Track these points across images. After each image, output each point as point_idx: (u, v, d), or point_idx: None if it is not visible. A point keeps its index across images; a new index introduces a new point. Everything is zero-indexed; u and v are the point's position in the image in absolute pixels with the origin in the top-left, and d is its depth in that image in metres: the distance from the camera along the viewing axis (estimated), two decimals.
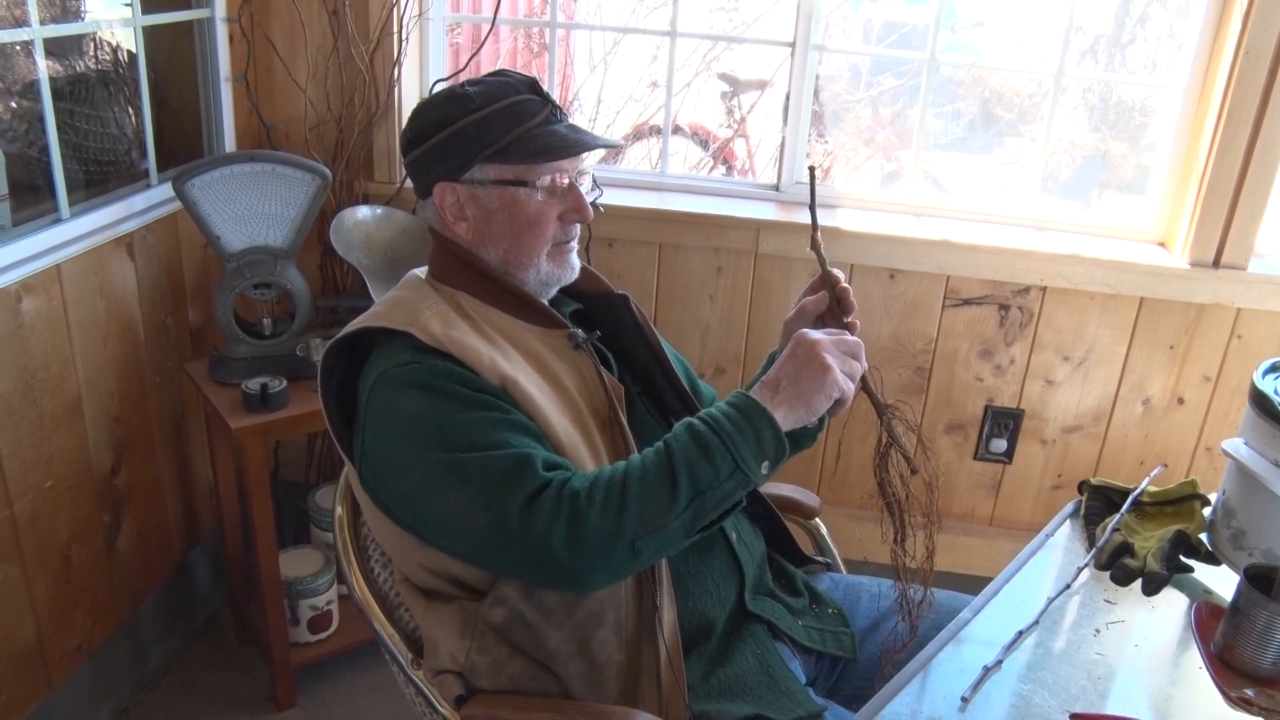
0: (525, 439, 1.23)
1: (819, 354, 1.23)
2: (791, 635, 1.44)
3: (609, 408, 1.36)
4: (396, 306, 1.35)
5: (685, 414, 1.48)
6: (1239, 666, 1.25)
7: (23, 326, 1.80)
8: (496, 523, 1.18)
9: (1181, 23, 2.53)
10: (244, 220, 2.08)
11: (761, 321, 2.50)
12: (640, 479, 1.18)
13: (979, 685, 1.20)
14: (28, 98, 1.87)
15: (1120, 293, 2.38)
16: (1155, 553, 1.44)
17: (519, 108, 1.34)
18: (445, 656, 1.32)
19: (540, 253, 1.38)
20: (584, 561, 1.17)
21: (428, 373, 1.25)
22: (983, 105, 4.72)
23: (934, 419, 2.57)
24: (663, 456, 1.20)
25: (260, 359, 2.16)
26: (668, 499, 1.17)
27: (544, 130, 1.35)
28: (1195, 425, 2.51)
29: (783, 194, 2.55)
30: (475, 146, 1.34)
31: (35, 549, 1.88)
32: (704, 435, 1.20)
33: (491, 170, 1.35)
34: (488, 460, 1.19)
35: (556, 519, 1.16)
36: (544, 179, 1.35)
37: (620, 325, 1.50)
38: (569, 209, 1.38)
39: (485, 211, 1.37)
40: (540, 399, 1.29)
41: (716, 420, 1.21)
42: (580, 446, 1.31)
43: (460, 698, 1.31)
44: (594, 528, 1.16)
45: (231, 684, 2.34)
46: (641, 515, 1.17)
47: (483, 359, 1.27)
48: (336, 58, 2.38)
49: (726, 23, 4.23)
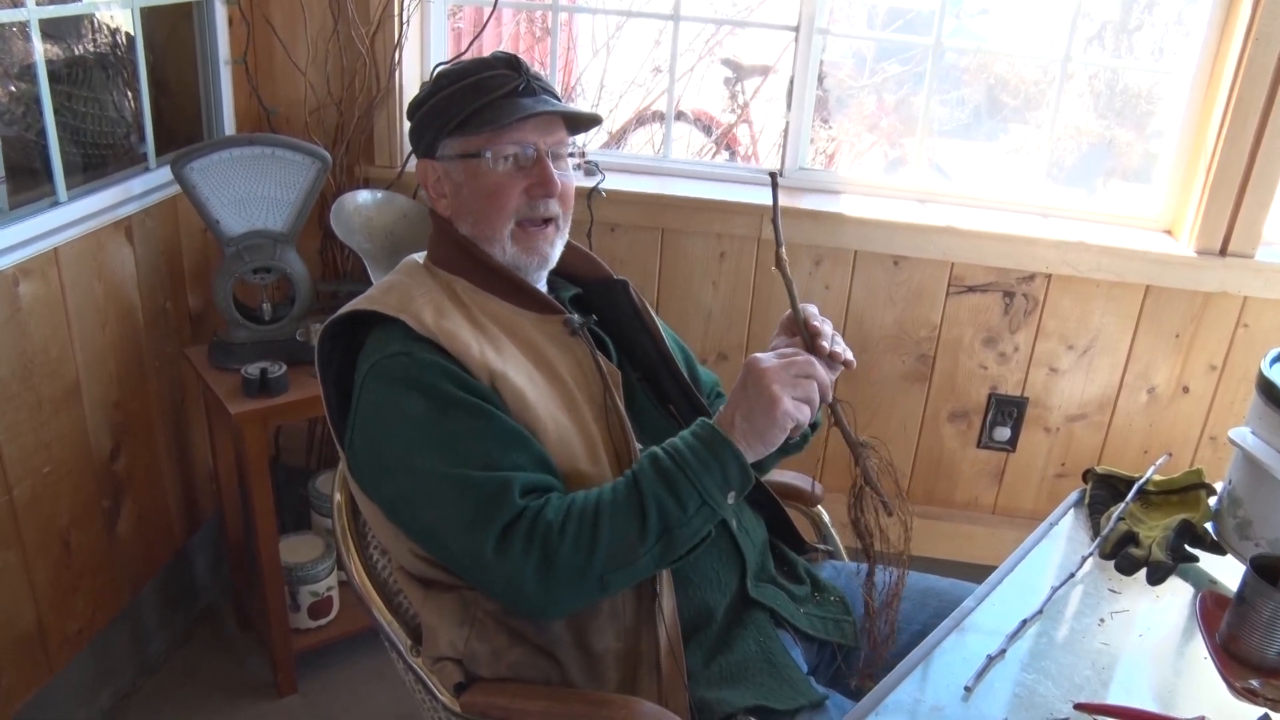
0: (510, 451, 1.22)
1: (767, 385, 1.20)
2: (794, 623, 1.43)
3: (605, 394, 1.35)
4: (390, 291, 1.35)
5: (685, 402, 1.48)
6: (1244, 657, 1.24)
7: (20, 310, 1.78)
8: (471, 549, 1.19)
9: (1190, 8, 2.51)
10: (243, 204, 2.07)
11: (764, 308, 2.49)
12: (611, 514, 1.18)
13: (982, 674, 1.19)
14: (24, 80, 1.86)
15: (1126, 280, 2.37)
16: (1160, 542, 1.43)
17: (485, 82, 1.34)
18: (444, 644, 1.32)
19: (503, 227, 1.36)
20: (554, 594, 1.19)
21: (417, 367, 1.25)
22: (988, 92, 4.70)
23: (938, 406, 2.56)
24: (632, 490, 1.20)
25: (260, 344, 2.15)
26: (637, 535, 1.18)
27: (504, 101, 1.33)
28: (1200, 414, 2.50)
29: (786, 180, 2.53)
30: (441, 122, 1.35)
31: (35, 534, 1.88)
32: (669, 471, 1.19)
33: (456, 144, 1.35)
34: (466, 482, 1.19)
35: (529, 553, 1.16)
36: (504, 149, 1.33)
37: (620, 311, 1.49)
38: (534, 182, 1.35)
39: (455, 186, 1.37)
40: (530, 392, 1.28)
41: (681, 454, 1.20)
42: (572, 438, 1.30)
43: (459, 685, 1.30)
44: (565, 562, 1.17)
45: (232, 670, 2.33)
46: (611, 550, 1.18)
47: (472, 352, 1.27)
48: (337, 40, 2.37)
49: (730, 7, 4.21)
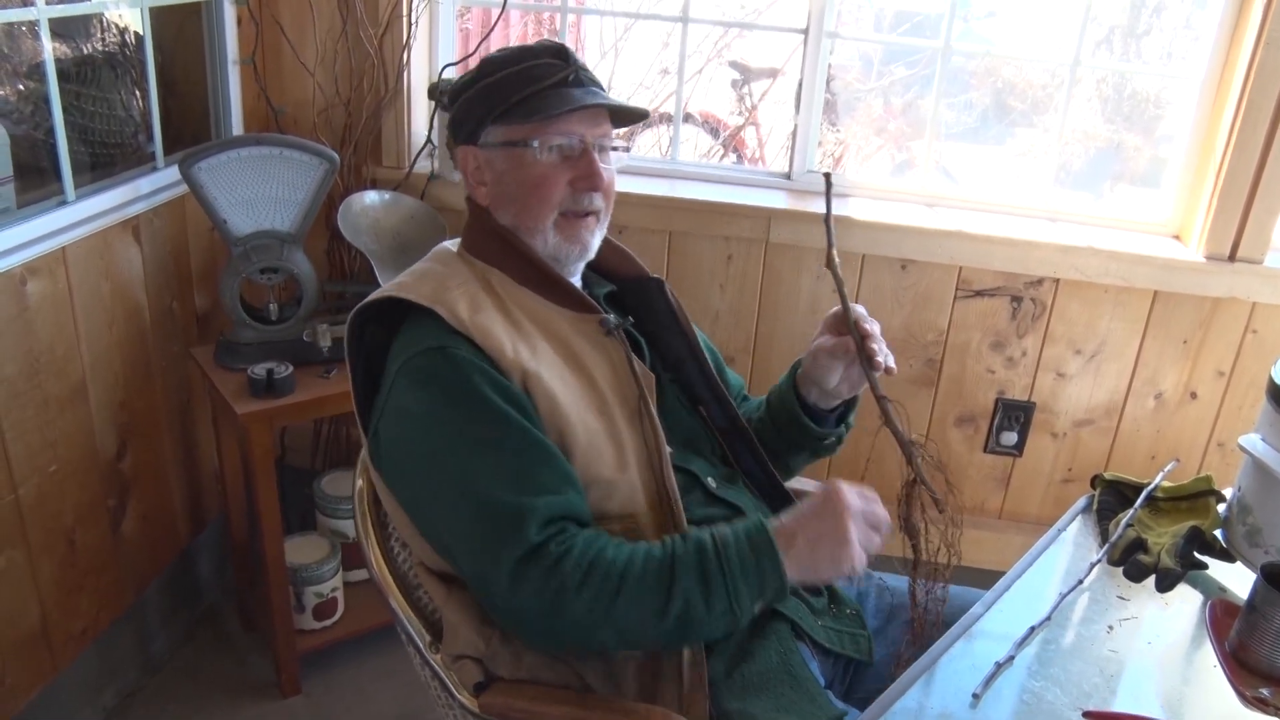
0: (535, 467, 1.21)
1: (845, 524, 1.17)
2: (812, 635, 1.41)
3: (639, 399, 1.33)
4: (425, 279, 1.33)
5: (715, 404, 1.48)
6: (1254, 665, 1.23)
7: (27, 309, 1.78)
8: (483, 573, 1.19)
9: (1198, 13, 2.50)
10: (251, 204, 2.07)
11: (771, 310, 2.48)
12: (635, 588, 1.16)
13: (990, 681, 1.19)
14: (33, 79, 1.86)
15: (1134, 285, 2.36)
16: (1169, 549, 1.42)
17: (533, 70, 1.32)
18: (464, 642, 1.30)
19: (547, 218, 1.34)
20: (553, 637, 1.20)
21: (449, 365, 1.23)
22: (995, 95, 4.69)
23: (945, 411, 2.55)
24: (664, 572, 1.17)
25: (266, 344, 2.14)
26: (654, 616, 1.16)
27: (552, 91, 1.31)
28: (1208, 421, 2.49)
29: (794, 183, 2.53)
30: (486, 109, 1.33)
31: (40, 533, 1.88)
32: (710, 569, 1.17)
33: (500, 132, 1.34)
34: (484, 503, 1.18)
35: (541, 595, 1.15)
36: (550, 140, 1.32)
37: (654, 310, 1.48)
38: (579, 175, 1.33)
39: (498, 174, 1.35)
40: (562, 394, 1.27)
41: (726, 555, 1.18)
42: (602, 443, 1.29)
43: (479, 685, 1.29)
44: (573, 617, 1.16)
45: (236, 670, 2.33)
46: (623, 623, 1.17)
47: (505, 351, 1.25)
48: (345, 41, 2.37)
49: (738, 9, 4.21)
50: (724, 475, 1.48)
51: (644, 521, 1.29)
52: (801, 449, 1.57)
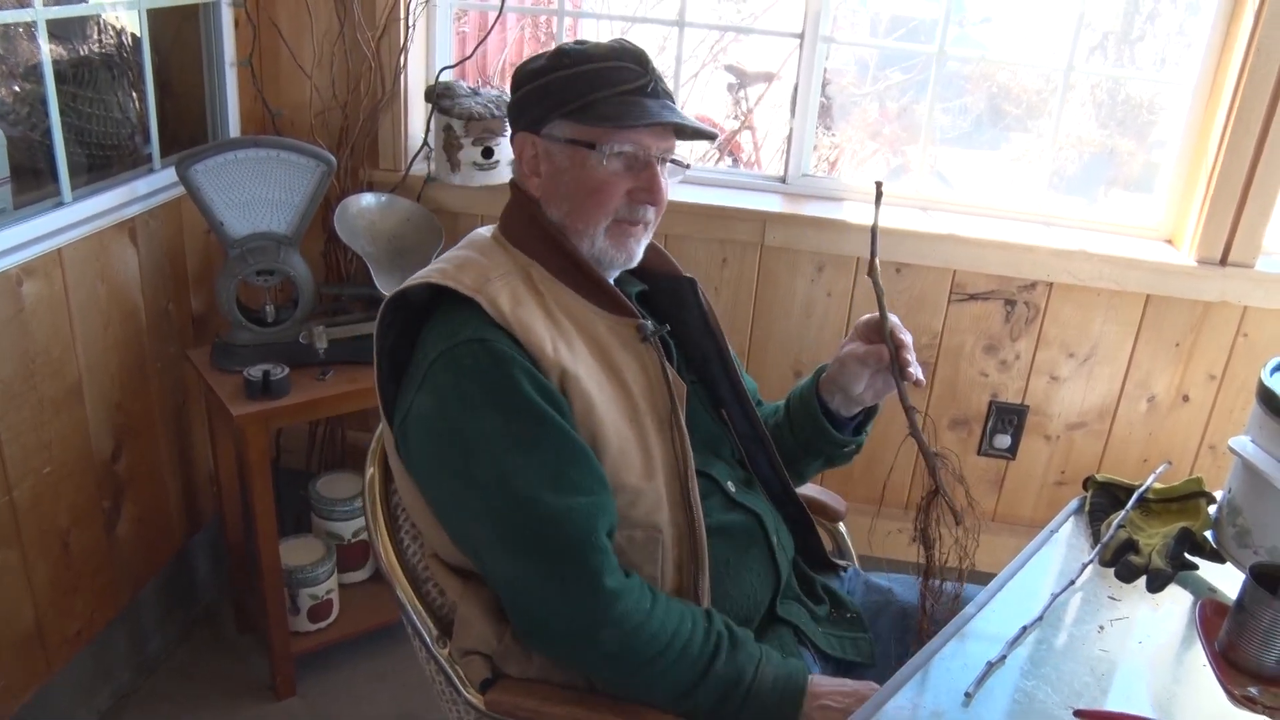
0: (569, 468, 1.21)
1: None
2: (814, 642, 1.42)
3: (670, 409, 1.32)
4: (465, 268, 1.30)
5: (737, 407, 1.48)
6: (1243, 665, 1.24)
7: (23, 310, 1.79)
8: (518, 574, 1.23)
9: (1191, 19, 2.52)
10: (247, 206, 2.07)
11: (766, 314, 2.49)
12: (662, 671, 1.22)
13: (982, 681, 1.19)
14: (30, 80, 1.86)
15: (1126, 289, 2.37)
16: (1160, 550, 1.43)
17: (611, 72, 1.30)
18: (475, 638, 1.29)
19: (599, 224, 1.32)
20: (561, 658, 1.27)
21: (490, 358, 1.21)
22: (990, 100, 4.71)
23: (938, 414, 2.56)
24: (696, 671, 1.23)
25: (263, 346, 2.15)
26: (660, 697, 1.24)
27: (628, 99, 1.29)
28: (1200, 423, 2.50)
29: (789, 186, 2.53)
30: (556, 101, 1.31)
31: (35, 534, 1.88)
32: (733, 697, 1.24)
33: (567, 128, 1.31)
34: (525, 504, 1.19)
35: (574, 622, 1.20)
36: (617, 147, 1.29)
37: (685, 310, 1.46)
38: (640, 187, 1.32)
39: (556, 169, 1.33)
40: (598, 398, 1.26)
41: (754, 691, 1.24)
42: (632, 450, 1.29)
43: (486, 681, 1.28)
44: (588, 659, 1.24)
45: (231, 672, 2.33)
46: (629, 688, 1.25)
47: (546, 348, 1.24)
48: (342, 43, 2.37)
49: (734, 14, 4.22)
50: (742, 479, 1.48)
51: (666, 531, 1.30)
52: (818, 455, 1.57)
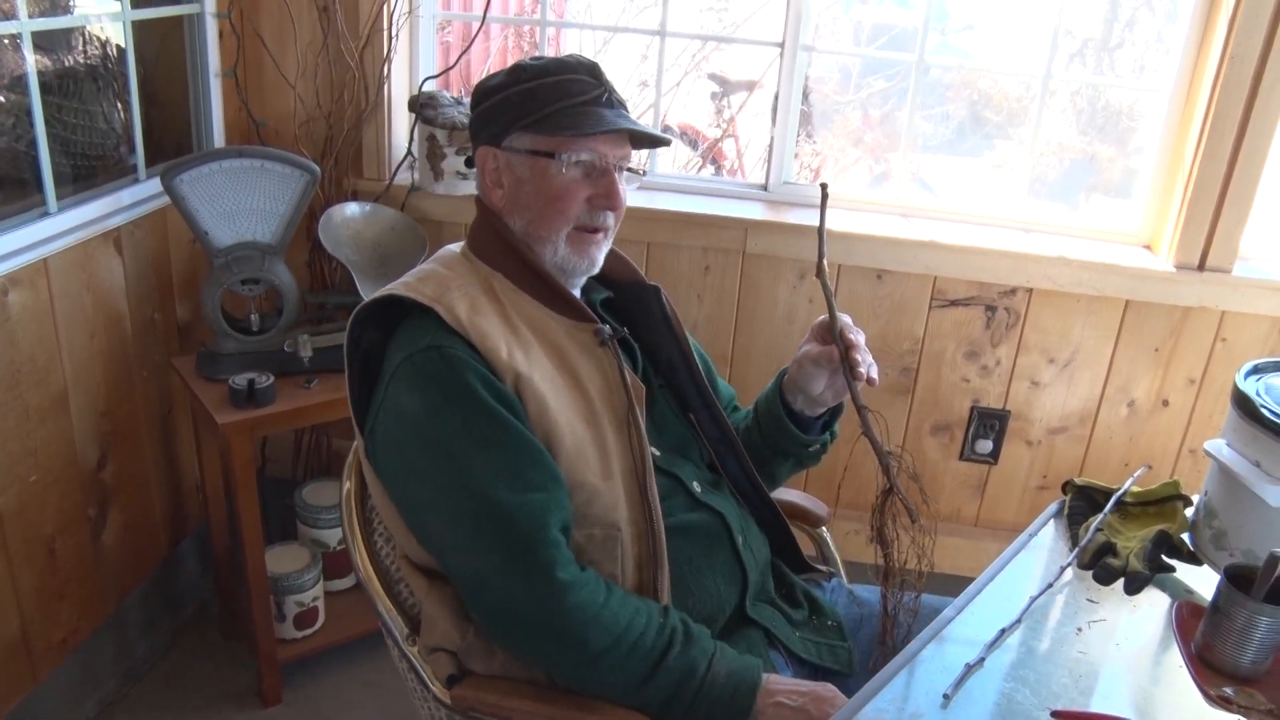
0: (526, 468, 1.25)
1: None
2: (787, 645, 1.44)
3: (628, 410, 1.35)
4: (427, 280, 1.36)
5: (704, 411, 1.51)
6: (1218, 665, 1.26)
7: (9, 320, 1.79)
8: (474, 569, 1.26)
9: (1169, 27, 2.55)
10: (232, 216, 2.08)
11: (749, 321, 2.51)
12: (617, 662, 1.24)
13: (961, 683, 1.21)
14: (15, 91, 1.87)
15: (1106, 295, 2.40)
16: (1138, 553, 1.44)
17: (567, 85, 1.35)
18: (441, 635, 1.33)
19: (561, 230, 1.37)
20: (517, 651, 1.29)
21: (445, 364, 1.26)
22: (971, 108, 4.74)
23: (920, 419, 2.58)
24: (649, 664, 1.25)
25: (248, 354, 2.15)
26: (615, 691, 1.26)
27: (585, 109, 1.34)
28: (1180, 427, 2.53)
29: (771, 194, 2.56)
30: (516, 114, 1.35)
31: (20, 542, 1.88)
32: (686, 690, 1.25)
33: (527, 139, 1.35)
34: (482, 502, 1.23)
35: (534, 614, 1.22)
36: (576, 155, 1.34)
37: (649, 317, 1.51)
38: (599, 193, 1.37)
39: (517, 180, 1.37)
40: (552, 399, 1.30)
41: (707, 686, 1.25)
42: (588, 450, 1.32)
43: (452, 677, 1.32)
44: (544, 652, 1.27)
45: (217, 679, 2.33)
46: (583, 681, 1.27)
47: (501, 353, 1.28)
48: (326, 54, 2.38)
49: (716, 23, 4.25)
50: (710, 481, 1.50)
51: (625, 530, 1.32)
52: (787, 456, 1.59)
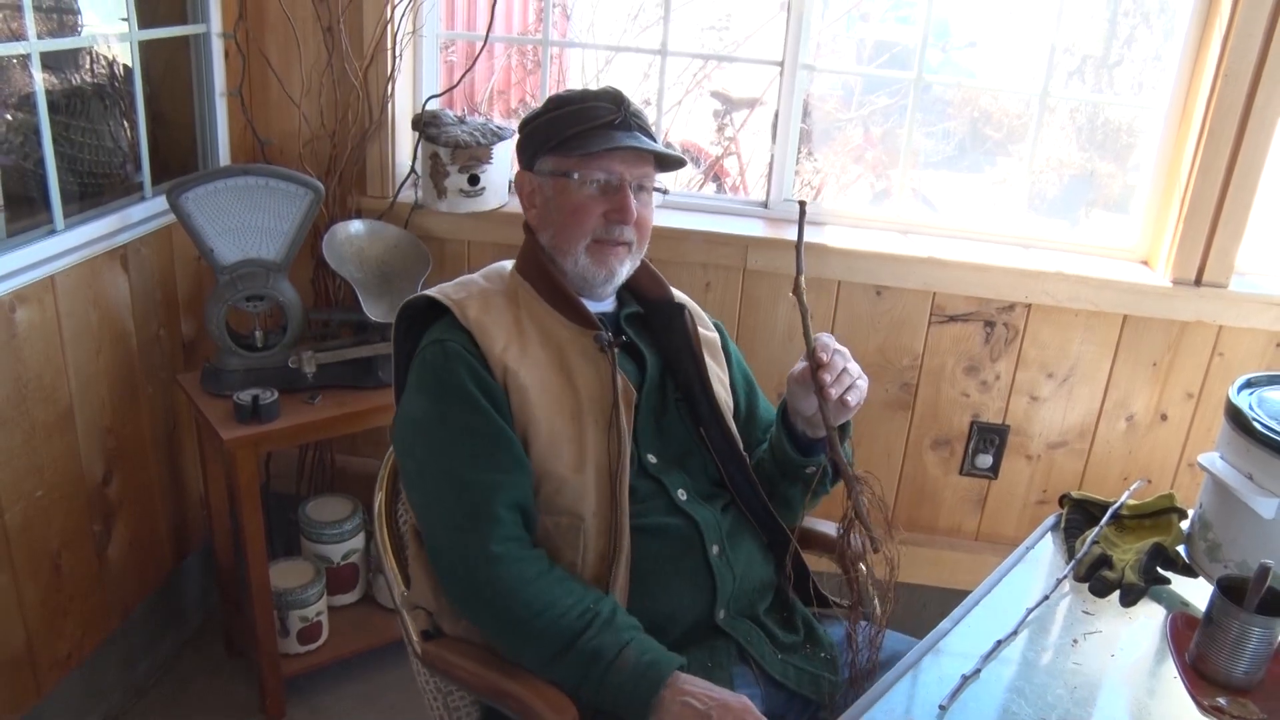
0: (494, 450, 1.38)
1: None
2: (760, 663, 1.44)
3: (613, 409, 1.44)
4: (461, 286, 1.53)
5: (715, 428, 1.56)
6: (1212, 676, 1.27)
7: (16, 337, 1.81)
8: (431, 530, 1.39)
9: (1166, 45, 2.57)
10: (237, 233, 2.10)
11: (749, 337, 2.52)
12: (536, 633, 1.30)
13: (957, 694, 1.22)
14: (24, 110, 1.89)
15: (1104, 310, 2.41)
16: (1133, 565, 1.46)
17: (588, 111, 1.48)
18: (419, 594, 1.47)
19: (580, 242, 1.49)
20: (461, 609, 1.39)
21: (443, 355, 1.41)
22: (972, 125, 4.77)
23: (920, 434, 2.59)
24: (565, 642, 1.29)
25: (252, 371, 2.17)
26: (532, 660, 1.33)
27: (599, 132, 1.47)
28: (1178, 441, 2.54)
29: (771, 211, 2.58)
30: (542, 140, 1.51)
31: (26, 557, 1.89)
32: (593, 672, 1.28)
33: (551, 162, 1.51)
34: (448, 476, 1.37)
35: (466, 580, 1.33)
36: (592, 174, 1.47)
37: (673, 333, 1.59)
38: (612, 208, 1.48)
39: (545, 199, 1.52)
40: (534, 392, 1.42)
41: (611, 673, 1.28)
42: (562, 442, 1.42)
43: (426, 633, 1.44)
44: (479, 613, 1.36)
45: (221, 694, 2.34)
46: (509, 646, 1.35)
47: (495, 348, 1.42)
48: (331, 73, 2.41)
49: (718, 41, 4.28)
50: (703, 493, 1.52)
51: (589, 521, 1.41)
52: (793, 480, 1.58)
